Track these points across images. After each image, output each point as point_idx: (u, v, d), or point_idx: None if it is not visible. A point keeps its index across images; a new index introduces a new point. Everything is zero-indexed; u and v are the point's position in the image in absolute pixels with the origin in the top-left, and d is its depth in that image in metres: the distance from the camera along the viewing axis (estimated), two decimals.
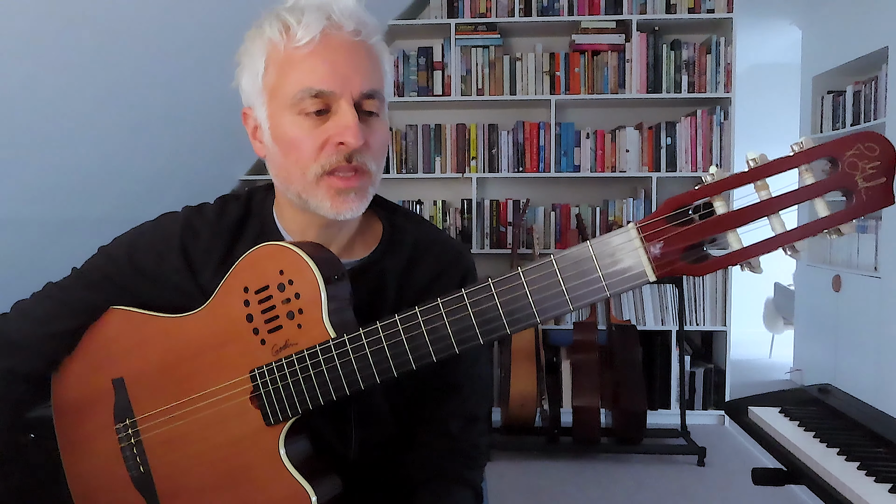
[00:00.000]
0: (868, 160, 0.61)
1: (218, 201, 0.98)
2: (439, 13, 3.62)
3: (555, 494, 2.85)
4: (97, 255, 0.99)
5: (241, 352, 0.86)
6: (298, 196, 0.87)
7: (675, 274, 0.66)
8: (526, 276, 0.71)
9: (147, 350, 0.94)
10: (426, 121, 3.70)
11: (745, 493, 2.80)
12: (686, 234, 0.65)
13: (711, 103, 3.63)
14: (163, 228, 0.96)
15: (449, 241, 1.01)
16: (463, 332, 0.75)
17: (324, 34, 0.82)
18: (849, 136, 0.61)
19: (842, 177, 0.61)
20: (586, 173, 3.62)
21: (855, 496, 0.97)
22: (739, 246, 0.65)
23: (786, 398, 1.37)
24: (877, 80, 3.75)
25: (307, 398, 0.82)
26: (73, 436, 1.01)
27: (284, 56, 0.83)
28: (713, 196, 0.65)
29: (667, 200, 0.66)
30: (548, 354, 3.44)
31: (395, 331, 0.78)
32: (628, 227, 0.67)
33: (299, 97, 0.82)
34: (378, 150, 0.87)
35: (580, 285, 0.69)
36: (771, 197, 0.63)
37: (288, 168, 0.86)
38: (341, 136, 0.82)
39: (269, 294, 0.84)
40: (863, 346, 3.70)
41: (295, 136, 0.84)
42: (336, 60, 0.82)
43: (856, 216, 0.61)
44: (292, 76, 0.83)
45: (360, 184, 0.85)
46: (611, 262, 0.68)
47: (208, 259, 0.94)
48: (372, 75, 0.85)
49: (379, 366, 0.79)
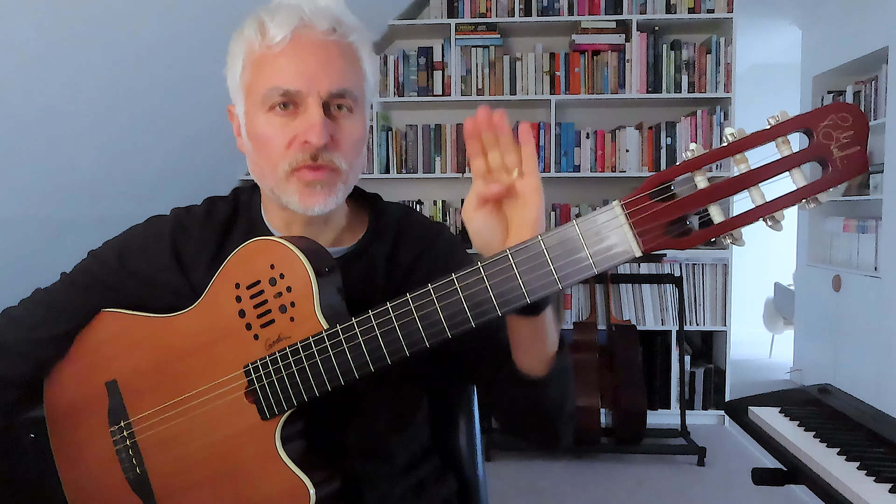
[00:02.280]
0: (842, 130, 0.63)
1: (206, 201, 0.99)
2: (439, 13, 3.62)
3: (555, 494, 2.85)
4: (87, 258, 0.99)
5: (235, 348, 0.86)
6: (272, 191, 0.88)
7: (660, 248, 0.68)
8: (514, 257, 0.72)
9: (139, 351, 0.94)
10: (426, 121, 3.70)
11: (745, 493, 2.80)
12: (669, 210, 0.67)
13: (711, 103, 3.64)
14: (152, 229, 0.97)
15: (427, 221, 1.03)
16: (454, 316, 0.75)
17: (295, 33, 0.83)
18: (822, 108, 0.63)
19: (817, 147, 0.63)
20: (586, 173, 3.62)
21: (855, 496, 0.97)
22: (722, 218, 0.66)
23: (786, 398, 1.37)
24: (877, 80, 3.75)
25: (302, 390, 0.82)
26: (67, 440, 1.01)
27: (259, 55, 0.85)
28: (694, 171, 0.66)
29: (649, 177, 0.68)
30: None
31: (388, 318, 0.78)
32: (613, 205, 0.68)
33: (268, 95, 0.84)
34: (349, 148, 0.87)
35: (568, 264, 0.70)
36: (750, 170, 0.65)
37: (261, 164, 0.88)
38: (306, 134, 0.83)
39: (261, 289, 0.84)
40: (863, 346, 3.70)
41: (265, 133, 0.86)
42: (305, 59, 0.84)
43: (832, 185, 0.63)
44: (264, 75, 0.85)
45: (326, 177, 0.86)
46: (597, 239, 0.69)
47: (199, 257, 0.94)
48: (344, 74, 0.85)
49: (373, 354, 0.79)
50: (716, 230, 0.67)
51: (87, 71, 1.97)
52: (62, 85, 1.94)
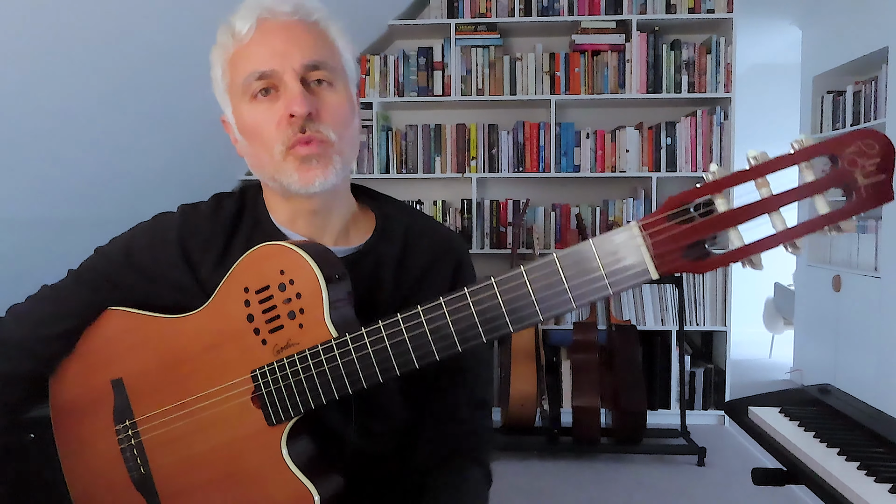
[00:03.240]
0: (867, 157, 0.61)
1: (213, 198, 0.99)
2: (439, 13, 3.62)
3: (555, 494, 2.85)
4: (94, 255, 0.99)
5: (242, 352, 0.86)
6: (273, 179, 0.89)
7: (677, 271, 0.67)
8: (529, 274, 0.71)
9: (146, 351, 0.94)
10: (426, 121, 3.70)
11: (745, 493, 2.80)
12: (688, 232, 0.66)
13: (711, 103, 3.64)
14: (159, 226, 0.97)
15: (440, 228, 1.03)
16: (466, 330, 0.75)
17: (260, 21, 0.87)
18: (848, 134, 0.62)
19: (842, 174, 0.62)
20: (586, 173, 3.62)
21: (855, 496, 0.97)
22: (741, 243, 0.65)
23: (786, 398, 1.37)
24: (877, 80, 3.75)
25: (309, 398, 0.82)
26: (72, 437, 1.01)
27: (233, 53, 0.89)
28: (714, 194, 0.65)
29: (668, 199, 0.67)
30: (548, 354, 3.44)
31: (398, 330, 0.78)
32: (630, 226, 0.67)
33: (247, 83, 0.87)
34: (335, 120, 0.88)
35: (583, 283, 0.69)
36: (772, 194, 0.64)
37: (258, 154, 0.89)
38: (289, 108, 0.85)
39: (270, 294, 0.84)
40: (863, 346, 3.70)
41: (254, 121, 0.88)
42: (273, 41, 0.86)
43: (856, 213, 0.62)
44: (240, 67, 0.88)
45: (319, 149, 0.86)
46: (613, 259, 0.68)
47: (206, 254, 0.94)
48: (314, 48, 0.88)
49: (382, 364, 0.78)
50: (735, 255, 0.65)
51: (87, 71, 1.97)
52: (62, 85, 1.94)
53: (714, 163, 0.71)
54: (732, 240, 0.65)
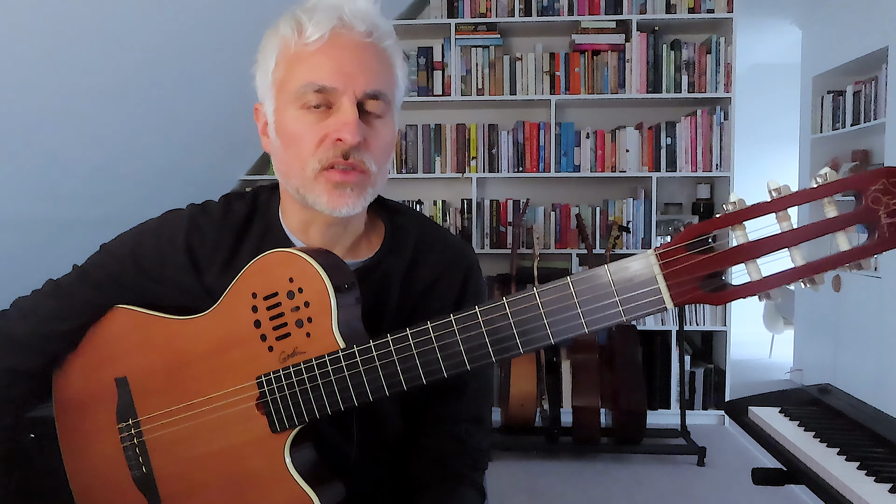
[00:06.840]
0: (892, 195, 0.60)
1: (223, 199, 0.98)
2: (439, 13, 3.62)
3: (555, 494, 2.85)
4: (100, 252, 0.98)
5: (248, 357, 0.86)
6: (297, 191, 0.87)
7: (693, 302, 0.66)
8: (541, 296, 0.70)
9: (151, 350, 0.93)
10: (426, 121, 3.70)
11: (745, 493, 2.80)
12: (706, 263, 0.65)
13: (711, 103, 3.64)
14: (167, 227, 0.96)
15: (451, 240, 1.01)
16: (475, 350, 0.74)
17: (333, 33, 0.83)
18: (873, 171, 0.61)
19: (865, 211, 0.61)
20: (586, 173, 3.62)
21: (855, 496, 0.97)
22: (759, 276, 0.64)
23: (786, 398, 1.37)
24: (877, 80, 3.75)
25: (314, 407, 0.82)
26: (74, 433, 1.01)
27: (294, 52, 0.85)
28: (734, 225, 0.64)
29: (686, 228, 0.66)
30: (548, 354, 3.44)
31: (406, 345, 0.77)
32: (647, 254, 0.66)
33: (302, 91, 0.83)
34: (379, 152, 0.87)
35: (596, 308, 0.68)
36: (793, 228, 0.63)
37: (288, 162, 0.87)
38: (339, 132, 0.82)
39: (278, 301, 0.83)
40: (863, 346, 3.70)
41: (296, 130, 0.85)
42: (342, 58, 0.83)
43: (878, 252, 0.61)
44: (298, 71, 0.84)
45: (357, 180, 0.85)
46: (628, 287, 0.67)
47: (214, 258, 0.93)
48: (378, 77, 0.86)
49: (389, 379, 0.78)
50: (753, 288, 0.64)
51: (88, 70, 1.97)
52: (62, 85, 1.94)
53: (734, 192, 0.70)
54: (751, 272, 0.64)
